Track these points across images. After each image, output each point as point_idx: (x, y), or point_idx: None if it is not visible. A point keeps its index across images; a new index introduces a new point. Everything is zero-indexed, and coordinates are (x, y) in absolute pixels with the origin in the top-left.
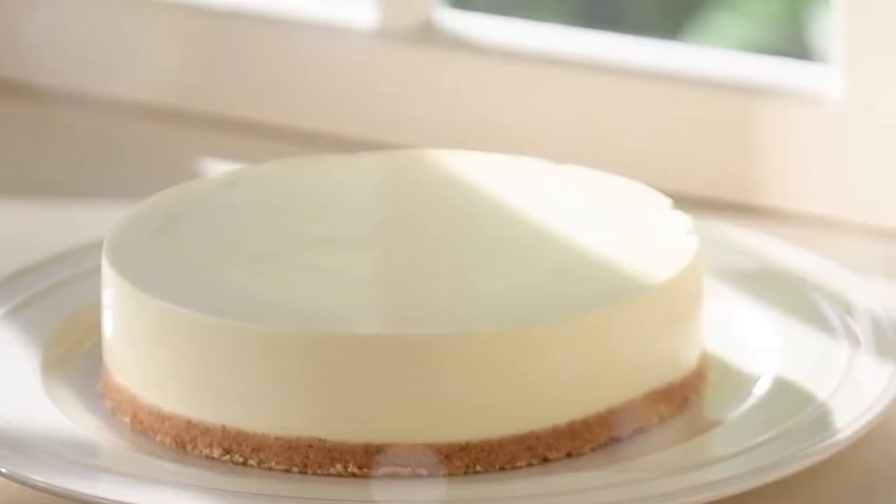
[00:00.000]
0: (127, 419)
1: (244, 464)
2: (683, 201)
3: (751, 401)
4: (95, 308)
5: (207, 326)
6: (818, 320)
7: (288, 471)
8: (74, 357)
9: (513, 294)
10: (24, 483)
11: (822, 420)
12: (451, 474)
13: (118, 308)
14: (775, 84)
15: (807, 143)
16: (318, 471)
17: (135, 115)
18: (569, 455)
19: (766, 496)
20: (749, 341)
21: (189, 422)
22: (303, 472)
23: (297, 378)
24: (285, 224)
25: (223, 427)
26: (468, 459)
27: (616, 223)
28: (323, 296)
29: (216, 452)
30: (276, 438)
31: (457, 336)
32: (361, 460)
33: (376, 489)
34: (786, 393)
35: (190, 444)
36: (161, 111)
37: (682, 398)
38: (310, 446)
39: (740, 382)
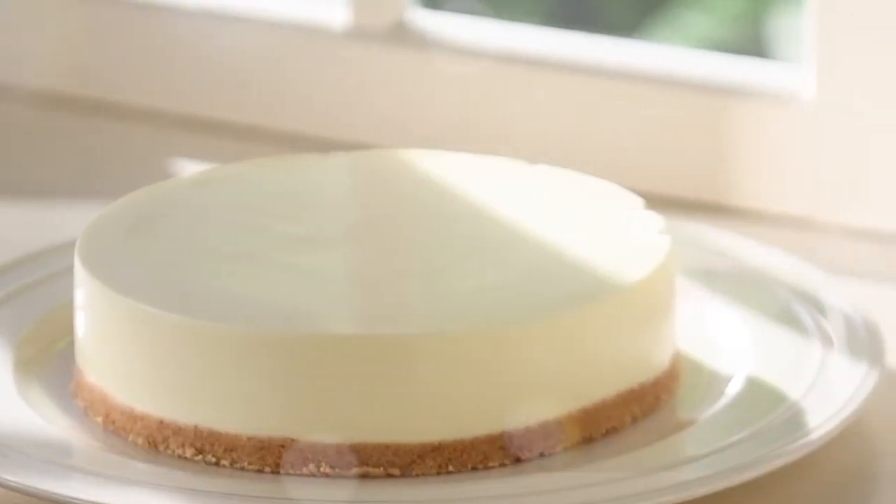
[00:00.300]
0: (99, 419)
1: (217, 464)
2: (656, 201)
3: (723, 401)
4: (68, 308)
5: (180, 326)
6: (790, 320)
7: (261, 471)
8: (47, 357)
9: (486, 294)
10: None
11: (794, 420)
12: (423, 474)
13: (91, 308)
14: (748, 84)
15: (779, 143)
16: (291, 471)
17: (108, 115)
18: (541, 455)
19: (739, 496)
20: (721, 341)
21: (161, 422)
22: (275, 472)
23: (269, 378)
24: (258, 224)
25: (196, 427)
26: (441, 459)
27: (588, 223)
28: (296, 296)
29: (189, 452)
30: (249, 438)
31: (429, 336)
32: (334, 460)
33: (349, 489)
34: (758, 393)
35: (162, 444)
36: (134, 111)
37: (655, 398)
38: (283, 446)
39: (713, 382)
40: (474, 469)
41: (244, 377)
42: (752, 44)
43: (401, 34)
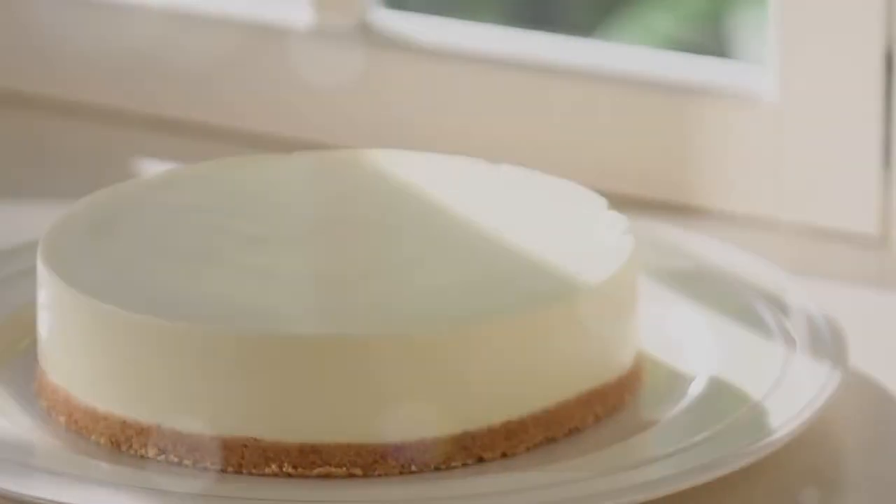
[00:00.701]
0: (62, 419)
1: (179, 464)
2: (619, 201)
3: (686, 401)
4: (31, 308)
5: (142, 326)
6: (753, 320)
7: (223, 471)
8: (9, 357)
9: (448, 294)
10: None
11: (757, 420)
12: (385, 474)
13: (53, 308)
14: (711, 84)
15: (742, 144)
16: (254, 471)
17: (70, 115)
18: (504, 455)
19: (701, 496)
20: (684, 341)
21: (124, 422)
22: (238, 471)
23: (232, 378)
24: (221, 224)
25: (158, 427)
26: (403, 459)
27: (552, 223)
28: (258, 296)
29: (151, 452)
30: (212, 438)
31: (391, 336)
32: (296, 460)
33: (311, 489)
34: (721, 393)
35: (125, 444)
36: (97, 111)
37: (618, 398)
38: (245, 446)
39: (675, 383)
40: (437, 469)
41: (206, 377)
42: (714, 43)
43: (364, 34)
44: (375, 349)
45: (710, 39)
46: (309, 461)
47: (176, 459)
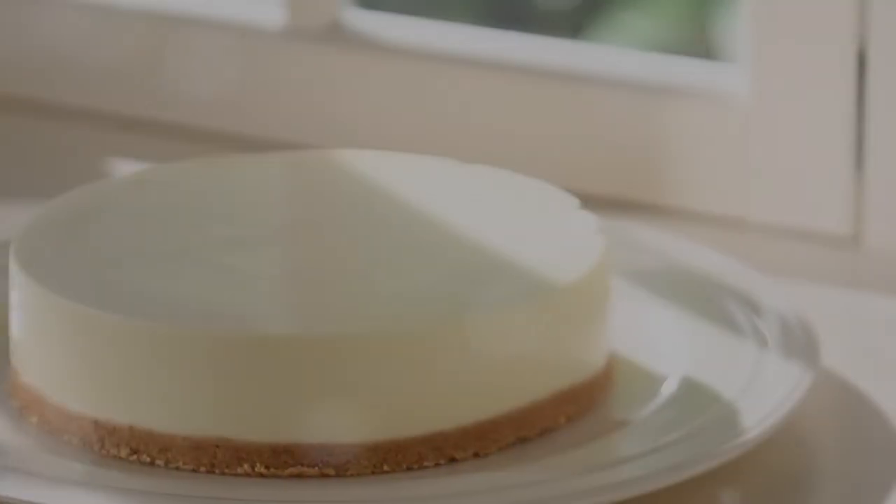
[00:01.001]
0: (34, 419)
1: (151, 464)
2: (591, 201)
3: (658, 401)
4: (2, 308)
5: (115, 326)
6: (725, 320)
7: (195, 471)
8: None
9: (420, 294)
10: None
11: (729, 420)
12: (358, 474)
13: (25, 308)
14: (682, 84)
15: (714, 143)
16: (226, 471)
17: (41, 115)
18: (476, 455)
19: (673, 496)
20: (656, 341)
21: (96, 422)
22: (210, 471)
23: (204, 378)
24: (193, 224)
25: (131, 427)
26: (375, 459)
27: (524, 223)
28: (230, 296)
29: (123, 452)
30: (184, 438)
31: (363, 336)
32: (269, 460)
33: (284, 489)
34: (693, 393)
35: (97, 444)
36: (69, 110)
37: (590, 399)
38: (217, 446)
39: (647, 383)
40: (409, 469)
41: (179, 377)
42: (693, 45)
43: (336, 34)
44: (347, 349)
45: (690, 41)
46: (281, 461)
47: (148, 459)
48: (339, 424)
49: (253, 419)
